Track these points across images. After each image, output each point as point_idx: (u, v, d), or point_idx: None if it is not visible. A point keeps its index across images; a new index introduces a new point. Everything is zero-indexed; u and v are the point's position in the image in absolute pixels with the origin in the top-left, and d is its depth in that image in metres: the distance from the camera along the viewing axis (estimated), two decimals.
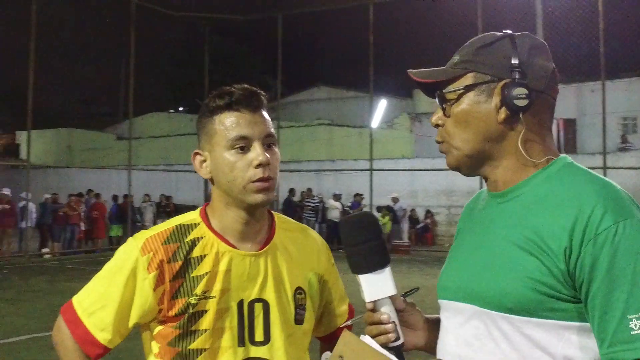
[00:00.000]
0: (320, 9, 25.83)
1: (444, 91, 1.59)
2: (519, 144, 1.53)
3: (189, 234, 1.83)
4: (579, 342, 1.41)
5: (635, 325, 1.33)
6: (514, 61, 1.52)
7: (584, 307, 1.39)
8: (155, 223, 25.51)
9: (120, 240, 22.20)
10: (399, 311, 1.62)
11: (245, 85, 1.84)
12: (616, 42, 24.68)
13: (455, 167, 1.63)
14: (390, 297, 1.59)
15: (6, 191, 21.43)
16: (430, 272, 16.45)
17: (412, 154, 30.60)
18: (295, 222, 2.06)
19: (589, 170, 1.53)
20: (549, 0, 23.21)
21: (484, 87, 1.55)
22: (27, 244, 20.65)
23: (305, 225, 2.10)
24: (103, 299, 1.81)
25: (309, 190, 25.47)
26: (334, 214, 24.38)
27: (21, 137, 44.47)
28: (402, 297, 1.65)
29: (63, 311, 1.88)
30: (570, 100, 29.56)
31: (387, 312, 1.58)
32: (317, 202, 25.05)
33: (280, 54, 25.10)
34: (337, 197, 25.00)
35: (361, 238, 1.58)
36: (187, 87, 48.60)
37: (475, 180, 21.71)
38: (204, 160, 1.87)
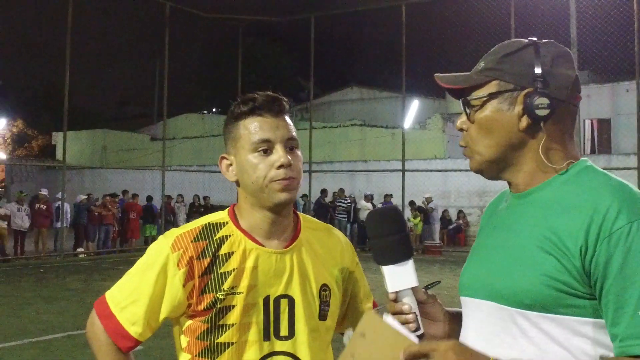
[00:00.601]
0: (353, 9, 25.89)
1: (468, 98, 1.63)
2: (540, 152, 1.58)
3: (218, 232, 1.90)
4: (593, 337, 1.44)
5: None
6: (537, 70, 1.56)
7: (599, 304, 1.43)
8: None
9: (154, 240, 22.41)
10: (420, 303, 1.67)
11: (268, 92, 1.91)
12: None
13: (477, 171, 1.68)
14: (412, 288, 1.64)
15: (44, 192, 21.80)
16: None
17: (444, 155, 30.50)
18: (320, 222, 2.12)
19: (607, 172, 1.57)
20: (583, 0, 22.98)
21: (507, 95, 1.58)
22: (63, 243, 20.95)
23: (330, 225, 2.15)
24: (135, 294, 1.88)
25: (341, 190, 25.49)
26: (366, 215, 24.39)
27: (57, 138, 45.14)
28: (423, 290, 1.69)
29: (96, 306, 1.96)
30: (604, 100, 29.22)
31: (408, 302, 1.62)
32: (348, 203, 25.05)
33: (312, 54, 25.18)
34: (368, 197, 24.99)
35: (386, 230, 1.64)
36: (221, 88, 48.94)
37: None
38: (230, 164, 1.94)
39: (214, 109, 50.79)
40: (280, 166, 1.83)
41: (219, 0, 24.86)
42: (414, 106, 32.99)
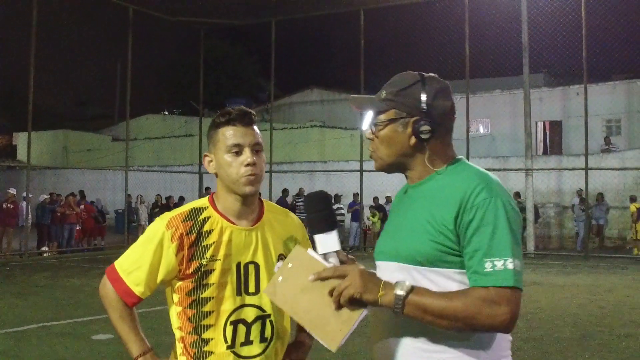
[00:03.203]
0: (313, 14, 26.42)
1: (374, 121, 2.27)
2: (426, 161, 2.23)
3: (201, 214, 2.52)
4: (465, 282, 2.10)
5: (488, 265, 2.03)
6: (423, 105, 2.19)
7: (462, 254, 2.09)
8: (149, 222, 26.00)
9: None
10: (342, 262, 2.25)
11: (242, 107, 2.53)
12: (598, 47, 25.39)
13: (380, 170, 2.33)
14: (336, 251, 2.23)
15: (12, 191, 22.03)
16: None
17: None
18: (280, 206, 2.75)
19: (474, 165, 2.24)
20: (534, 6, 23.89)
21: (401, 121, 2.21)
22: (27, 242, 21.26)
23: (287, 209, 2.78)
24: (138, 262, 2.49)
25: (301, 190, 26.13)
26: None
27: (18, 138, 45.07)
28: (344, 252, 2.32)
29: (108, 272, 2.56)
30: (556, 103, 30.26)
31: (333, 262, 2.22)
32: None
33: (273, 57, 25.73)
34: None
35: (315, 208, 2.24)
36: (182, 89, 49.28)
37: None
38: (211, 161, 2.56)
39: (174, 110, 51.00)
40: (247, 165, 2.46)
41: (181, 2, 25.17)
42: None
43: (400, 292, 2.02)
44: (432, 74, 2.29)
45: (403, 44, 32.19)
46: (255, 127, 2.52)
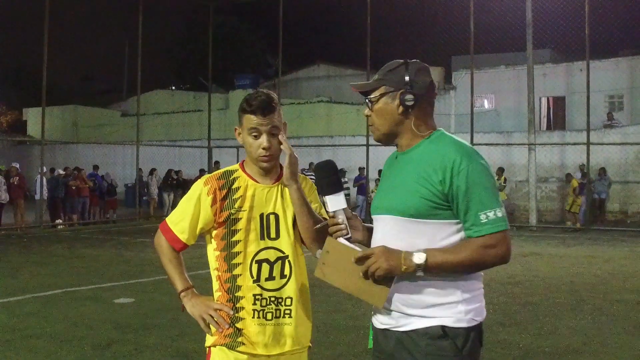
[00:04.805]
0: None
1: (369, 97, 2.80)
2: (412, 126, 2.74)
3: (232, 175, 3.09)
4: (449, 232, 2.63)
5: (483, 217, 2.55)
6: (407, 79, 2.72)
7: (457, 213, 2.59)
8: (160, 196, 26.67)
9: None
10: (348, 219, 2.82)
11: (263, 97, 3.01)
12: (605, 23, 25.67)
13: (378, 140, 2.85)
14: (343, 209, 2.79)
15: (16, 165, 22.56)
16: None
17: None
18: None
19: (452, 136, 2.75)
20: None
21: (390, 94, 2.74)
22: (43, 215, 21.85)
23: (303, 175, 3.28)
24: (183, 214, 3.07)
25: (311, 165, 26.59)
26: None
27: (28, 114, 45.57)
28: (350, 210, 2.84)
29: (161, 225, 3.13)
30: (560, 79, 30.51)
31: (341, 218, 2.78)
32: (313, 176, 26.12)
33: (280, 33, 26.06)
34: None
35: (325, 174, 2.81)
36: (191, 65, 49.61)
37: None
38: (240, 134, 3.10)
39: (183, 86, 51.36)
40: (263, 148, 3.01)
41: None
42: None
43: (419, 261, 2.55)
44: (415, 60, 2.80)
45: (409, 20, 32.52)
46: (275, 114, 3.03)
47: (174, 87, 49.89)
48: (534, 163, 23.38)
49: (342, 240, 2.73)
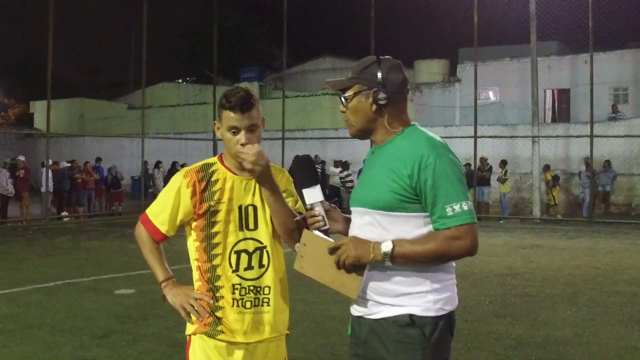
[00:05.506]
0: None
1: (344, 95, 2.88)
2: (385, 123, 2.82)
3: (211, 167, 3.17)
4: (418, 225, 2.71)
5: (449, 210, 2.63)
6: (379, 79, 2.79)
7: (425, 206, 2.68)
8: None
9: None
10: (326, 211, 2.92)
11: (242, 94, 3.07)
12: (612, 15, 25.56)
13: (354, 136, 2.94)
14: (321, 202, 2.88)
15: (22, 158, 22.76)
16: None
17: None
18: (276, 165, 3.33)
19: (425, 130, 2.83)
20: None
21: (363, 93, 2.81)
22: (48, 208, 22.01)
23: (283, 169, 3.36)
24: (163, 206, 3.15)
25: (316, 157, 26.68)
26: (335, 180, 25.71)
27: (35, 107, 45.74)
28: (327, 202, 2.93)
29: (141, 217, 3.21)
30: (565, 71, 30.48)
31: (318, 210, 2.87)
32: (320, 170, 26.26)
33: (285, 25, 26.17)
34: (337, 163, 26.31)
35: (302, 169, 2.91)
36: (196, 58, 49.68)
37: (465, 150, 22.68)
38: (219, 128, 3.17)
39: (188, 79, 51.45)
40: (241, 145, 3.06)
41: None
42: None
43: (387, 249, 2.64)
44: (387, 56, 2.88)
45: (413, 12, 32.52)
46: (254, 110, 3.08)
47: (180, 80, 50.02)
48: (537, 155, 23.41)
49: (317, 232, 2.82)
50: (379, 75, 2.78)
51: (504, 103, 31.83)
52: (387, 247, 2.64)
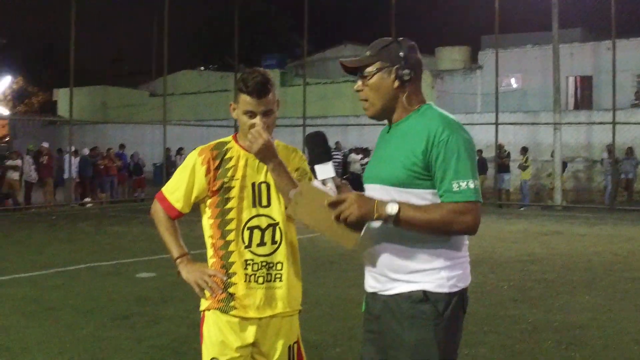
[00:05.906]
0: None
1: (363, 72, 2.89)
2: (404, 100, 2.86)
3: (225, 146, 3.25)
4: (432, 200, 2.74)
5: (455, 186, 2.67)
6: (402, 55, 2.83)
7: (434, 180, 2.72)
8: None
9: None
10: (337, 187, 2.90)
11: (259, 79, 3.11)
12: (629, 2, 25.33)
13: (372, 116, 2.96)
14: (332, 177, 2.89)
15: (45, 145, 22.99)
16: None
17: None
18: (289, 145, 3.39)
19: (439, 109, 2.86)
20: None
21: (386, 70, 2.84)
22: (72, 194, 22.26)
23: (295, 147, 3.40)
24: (178, 184, 3.23)
25: (337, 144, 26.68)
26: (356, 167, 25.73)
27: (58, 94, 46.11)
28: (339, 178, 2.96)
29: (157, 195, 3.29)
30: (587, 58, 30.19)
31: (330, 185, 2.88)
32: (341, 157, 26.31)
33: (306, 12, 26.18)
34: (358, 150, 26.33)
35: (316, 145, 2.91)
36: (218, 45, 49.74)
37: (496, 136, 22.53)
38: (234, 109, 3.22)
39: (210, 66, 51.57)
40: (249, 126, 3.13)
41: None
42: None
43: (392, 211, 2.66)
44: (404, 37, 2.92)
45: None
46: (270, 95, 3.14)
47: (202, 68, 50.13)
48: (559, 142, 23.27)
49: (316, 183, 2.84)
50: (401, 52, 2.83)
51: (526, 90, 31.62)
52: (392, 209, 2.66)
